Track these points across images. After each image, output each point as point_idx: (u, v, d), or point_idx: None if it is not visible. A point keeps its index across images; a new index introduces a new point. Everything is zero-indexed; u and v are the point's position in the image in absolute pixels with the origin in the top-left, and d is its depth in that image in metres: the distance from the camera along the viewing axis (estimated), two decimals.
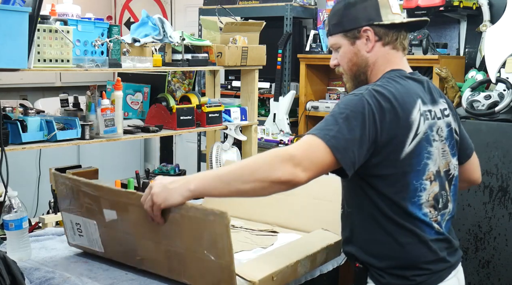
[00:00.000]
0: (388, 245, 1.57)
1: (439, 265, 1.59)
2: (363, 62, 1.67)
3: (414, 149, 1.54)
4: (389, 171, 1.54)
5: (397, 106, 1.52)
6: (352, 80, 1.71)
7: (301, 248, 1.80)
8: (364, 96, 1.51)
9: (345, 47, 1.68)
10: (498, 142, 2.96)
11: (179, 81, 2.98)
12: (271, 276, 1.59)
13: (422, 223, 1.57)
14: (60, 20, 2.07)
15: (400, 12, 1.69)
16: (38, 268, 1.70)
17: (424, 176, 1.57)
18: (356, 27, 1.65)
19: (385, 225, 1.57)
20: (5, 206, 1.86)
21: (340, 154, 1.45)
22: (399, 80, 1.60)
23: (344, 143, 1.46)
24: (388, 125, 1.50)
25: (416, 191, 1.56)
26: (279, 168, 1.42)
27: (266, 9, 4.32)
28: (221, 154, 2.81)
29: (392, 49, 1.67)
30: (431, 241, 1.58)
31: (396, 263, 1.57)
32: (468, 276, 2.99)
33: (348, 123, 1.47)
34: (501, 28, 3.28)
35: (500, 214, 2.93)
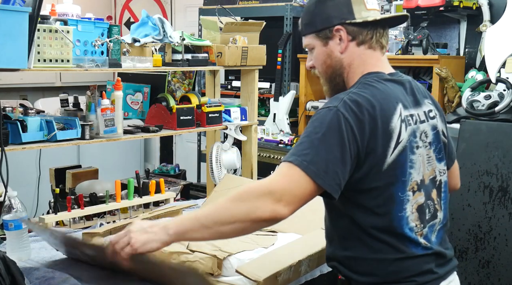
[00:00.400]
0: (371, 262, 1.48)
1: (425, 276, 1.50)
2: (337, 64, 1.56)
3: (397, 159, 1.44)
4: (372, 185, 1.44)
5: (376, 115, 1.42)
6: (328, 83, 1.61)
7: (302, 248, 1.80)
8: (339, 110, 1.40)
9: (318, 48, 1.57)
10: (498, 142, 2.96)
11: (179, 81, 2.97)
12: (275, 275, 1.59)
13: (407, 239, 1.48)
14: (60, 20, 2.07)
15: (378, 7, 1.57)
16: (37, 268, 1.70)
17: (407, 187, 1.48)
18: (327, 27, 1.54)
19: (368, 242, 1.47)
20: (5, 206, 1.86)
21: (322, 180, 1.36)
22: (377, 85, 1.50)
23: (324, 166, 1.36)
24: (368, 136, 1.41)
25: (402, 204, 1.47)
26: (259, 207, 1.35)
27: (266, 9, 4.33)
28: (221, 154, 2.81)
29: (368, 49, 1.55)
30: (418, 257, 1.49)
31: (379, 279, 1.49)
32: (468, 276, 2.99)
33: (325, 143, 1.38)
34: (501, 28, 3.28)
35: (500, 214, 2.92)
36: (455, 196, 3.07)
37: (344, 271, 1.53)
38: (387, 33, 1.59)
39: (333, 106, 1.42)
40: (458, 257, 3.03)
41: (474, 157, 3.02)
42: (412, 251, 1.48)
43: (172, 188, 3.02)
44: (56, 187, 2.67)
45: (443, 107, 3.52)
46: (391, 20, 1.62)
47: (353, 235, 1.50)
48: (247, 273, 1.55)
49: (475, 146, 3.03)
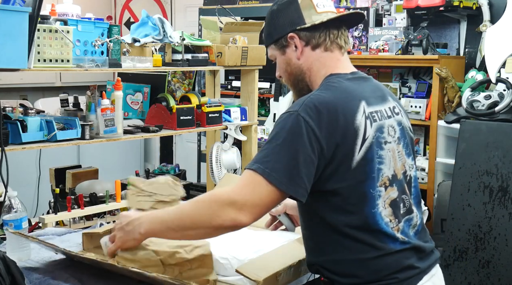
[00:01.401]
0: (351, 263, 1.47)
1: (406, 272, 1.49)
2: (297, 70, 1.58)
3: (365, 155, 1.44)
4: (342, 184, 1.44)
5: (338, 114, 1.43)
6: (293, 88, 1.64)
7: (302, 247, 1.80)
8: (299, 114, 1.41)
9: (278, 57, 1.61)
10: (498, 142, 2.96)
11: (179, 81, 2.98)
12: (275, 275, 1.59)
13: (384, 235, 1.47)
14: (60, 20, 2.07)
15: (331, 9, 1.57)
16: (37, 268, 1.70)
17: (378, 183, 1.47)
18: (282, 35, 1.57)
19: (344, 243, 1.47)
20: (5, 206, 1.86)
21: (286, 186, 1.38)
22: (338, 85, 1.51)
23: (287, 172, 1.38)
24: (331, 136, 1.41)
25: (374, 200, 1.46)
26: (220, 215, 1.39)
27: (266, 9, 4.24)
28: (221, 154, 2.81)
29: (325, 51, 1.56)
30: (396, 252, 1.48)
31: (361, 279, 1.47)
32: (468, 276, 2.99)
33: (287, 148, 1.39)
34: (501, 28, 3.28)
35: (500, 214, 2.92)
36: (455, 196, 3.07)
37: (326, 274, 1.53)
38: (344, 33, 1.59)
39: (294, 110, 1.43)
40: (458, 257, 3.03)
41: (474, 157, 3.02)
42: (390, 247, 1.48)
43: None
44: (56, 187, 2.67)
45: (443, 107, 3.53)
46: (347, 19, 1.61)
47: (328, 238, 1.49)
48: (247, 273, 1.55)
49: (475, 146, 3.03)
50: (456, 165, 3.09)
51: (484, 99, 3.19)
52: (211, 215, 1.40)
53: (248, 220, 1.40)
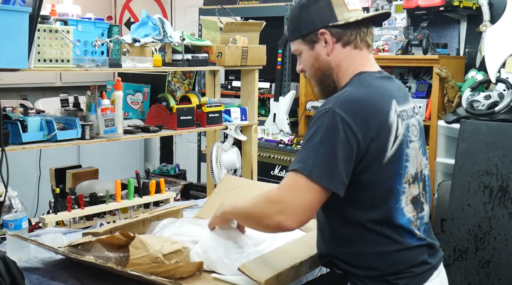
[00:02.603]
0: (371, 256, 1.51)
1: (421, 267, 1.55)
2: (326, 66, 1.60)
3: (395, 152, 1.49)
4: (372, 178, 1.48)
5: (373, 110, 1.47)
6: (318, 84, 1.65)
7: (304, 247, 1.79)
8: (335, 111, 1.43)
9: (305, 52, 1.61)
10: (498, 142, 2.96)
11: (179, 81, 2.98)
12: (276, 276, 1.59)
13: (404, 230, 1.52)
14: (60, 20, 2.07)
15: (359, 7, 1.59)
16: (37, 268, 1.70)
17: (404, 180, 1.52)
18: (312, 31, 1.57)
19: (366, 236, 1.51)
20: (5, 206, 1.86)
21: (326, 182, 1.41)
22: (370, 83, 1.54)
23: (327, 169, 1.41)
24: (367, 131, 1.44)
25: (399, 195, 1.51)
26: (268, 215, 1.46)
27: (266, 9, 4.33)
28: (221, 154, 2.81)
29: (355, 49, 1.58)
30: (414, 248, 1.54)
31: (379, 272, 1.51)
32: (468, 276, 2.99)
33: (325, 145, 1.42)
34: (501, 28, 3.28)
35: (500, 214, 2.93)
36: (455, 196, 3.07)
37: (341, 266, 1.56)
38: (372, 31, 1.62)
39: (329, 107, 1.45)
40: (458, 257, 3.03)
41: (474, 157, 3.02)
42: (409, 242, 1.53)
43: (172, 188, 3.02)
44: (56, 187, 2.67)
45: (443, 107, 3.53)
46: (373, 19, 1.65)
47: (350, 231, 1.53)
48: (250, 272, 1.55)
49: (475, 146, 3.03)
50: (456, 165, 3.10)
51: (484, 99, 3.19)
52: (261, 214, 1.50)
53: (293, 223, 1.44)
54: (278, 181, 3.37)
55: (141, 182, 2.50)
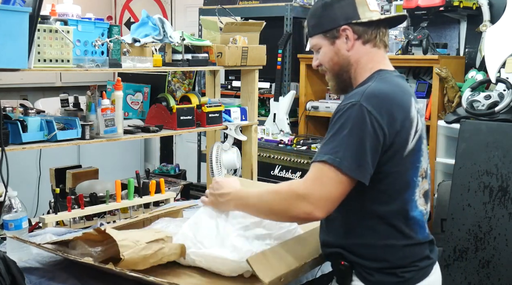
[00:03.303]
0: (381, 248, 1.57)
1: (425, 262, 1.62)
2: (345, 61, 1.66)
3: (415, 146, 1.56)
4: (393, 169, 1.54)
5: (397, 104, 1.54)
6: (335, 78, 1.70)
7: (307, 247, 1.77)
8: (362, 104, 1.49)
9: (325, 47, 1.67)
10: (498, 142, 2.96)
11: (179, 81, 2.98)
12: (279, 277, 1.58)
13: (416, 224, 1.59)
14: (60, 20, 2.07)
15: (378, 9, 1.68)
16: (37, 268, 1.70)
17: (419, 173, 1.60)
18: (334, 27, 1.64)
19: (378, 228, 1.56)
20: (5, 206, 1.86)
21: (355, 173, 1.47)
22: (391, 79, 1.61)
23: (356, 160, 1.47)
24: (393, 124, 1.51)
25: (414, 188, 1.59)
26: (295, 208, 1.50)
27: (266, 9, 4.33)
28: (221, 154, 2.81)
29: (373, 47, 1.65)
30: (421, 243, 1.61)
31: (388, 264, 1.57)
32: (468, 276, 2.99)
33: (353, 138, 1.47)
34: (501, 28, 3.28)
35: (500, 214, 2.93)
36: (455, 196, 3.07)
37: (349, 257, 1.60)
38: (388, 33, 1.70)
39: (356, 100, 1.51)
40: (458, 257, 3.03)
41: (474, 157, 3.02)
42: (418, 237, 1.60)
43: (172, 188, 3.02)
44: (56, 187, 2.67)
45: (443, 107, 3.53)
46: (391, 20, 1.72)
47: (364, 222, 1.57)
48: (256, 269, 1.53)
49: (475, 146, 3.03)
50: (456, 165, 3.10)
51: (484, 99, 3.19)
52: (287, 206, 1.51)
53: (322, 213, 1.50)
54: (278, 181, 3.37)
55: (141, 182, 2.50)
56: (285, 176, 3.79)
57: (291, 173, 3.77)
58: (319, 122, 4.29)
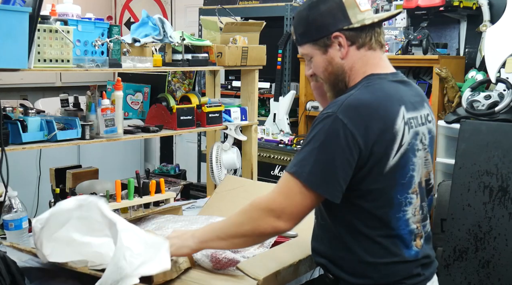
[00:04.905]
0: (366, 265, 1.48)
1: (414, 279, 1.52)
2: (339, 70, 1.53)
3: (399, 161, 1.44)
4: (372, 186, 1.44)
5: (378, 116, 1.41)
6: (331, 89, 1.58)
7: (302, 246, 1.80)
8: (337, 116, 1.39)
9: (317, 56, 1.54)
10: (498, 142, 2.96)
11: (179, 81, 2.98)
12: (274, 274, 1.59)
13: (402, 242, 1.49)
14: (60, 20, 2.07)
15: (369, 7, 1.53)
16: (38, 268, 1.70)
17: (410, 190, 1.48)
18: (325, 35, 1.50)
19: (364, 244, 1.48)
20: (5, 206, 1.86)
21: (322, 189, 1.40)
22: (379, 86, 1.48)
23: (324, 176, 1.39)
24: (370, 138, 1.39)
25: (401, 206, 1.47)
26: (261, 223, 1.44)
27: (266, 9, 4.33)
28: (221, 154, 2.81)
29: (368, 50, 1.52)
30: (410, 261, 1.51)
31: (372, 281, 1.49)
32: (468, 276, 2.99)
33: (324, 152, 1.39)
34: (501, 28, 3.28)
35: (500, 214, 2.92)
36: (455, 196, 3.07)
37: (334, 271, 1.53)
38: (383, 30, 1.57)
39: (332, 112, 1.41)
40: (458, 257, 3.03)
41: (474, 157, 3.02)
42: (405, 256, 1.50)
43: (172, 188, 3.02)
44: (57, 187, 2.67)
45: (443, 107, 3.53)
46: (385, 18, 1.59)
47: (350, 237, 1.49)
48: (247, 271, 1.55)
49: (475, 146, 3.03)
50: (456, 165, 3.09)
51: (484, 99, 3.19)
52: (253, 224, 1.47)
53: (288, 226, 1.44)
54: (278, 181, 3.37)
55: (141, 182, 2.50)
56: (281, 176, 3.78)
57: None
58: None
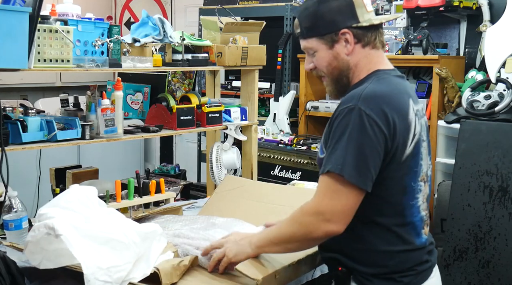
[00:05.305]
0: (381, 254, 1.54)
1: (424, 265, 1.59)
2: (344, 65, 1.59)
3: (413, 150, 1.51)
4: (391, 174, 1.50)
5: (395, 108, 1.48)
6: (333, 83, 1.64)
7: None
8: (360, 107, 1.45)
9: (322, 51, 1.60)
10: (498, 142, 2.96)
11: (179, 81, 2.98)
12: (274, 274, 1.59)
13: (413, 229, 1.56)
14: (60, 20, 2.07)
15: (372, 8, 1.62)
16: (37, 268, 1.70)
17: (419, 178, 1.55)
18: (333, 31, 1.56)
19: (378, 233, 1.53)
20: (5, 206, 1.86)
21: (355, 179, 1.44)
22: (389, 80, 1.56)
23: (359, 168, 1.44)
24: (391, 128, 1.46)
25: (414, 193, 1.54)
26: (312, 229, 1.49)
27: (266, 9, 4.33)
28: (221, 154, 2.81)
29: (372, 49, 1.60)
30: (420, 249, 1.58)
31: (386, 270, 1.54)
32: (468, 276, 2.99)
33: (354, 143, 1.44)
34: (501, 28, 3.29)
35: (500, 214, 2.93)
36: (455, 196, 3.07)
37: (347, 263, 1.57)
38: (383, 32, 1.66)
39: (353, 104, 1.46)
40: (458, 257, 3.03)
41: (474, 157, 3.02)
42: (416, 243, 1.56)
43: (172, 188, 3.02)
44: (57, 187, 2.67)
45: (443, 107, 3.53)
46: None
47: (362, 227, 1.54)
48: (246, 271, 1.55)
49: (475, 146, 3.03)
50: (456, 165, 3.10)
51: (484, 99, 3.20)
52: (304, 230, 1.50)
53: (339, 228, 1.48)
54: (278, 181, 3.38)
55: (141, 182, 2.50)
56: (285, 176, 3.79)
57: (291, 173, 3.77)
58: (319, 122, 4.29)
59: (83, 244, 1.51)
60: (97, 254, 1.51)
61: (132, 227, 1.65)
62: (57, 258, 1.56)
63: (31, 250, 1.57)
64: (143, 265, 1.59)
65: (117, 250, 1.55)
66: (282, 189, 2.34)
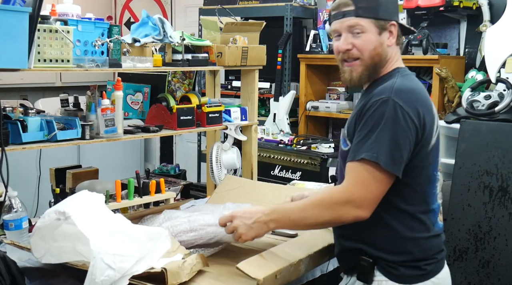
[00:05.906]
0: (406, 241, 1.60)
1: (441, 254, 1.68)
2: (384, 54, 1.68)
3: (436, 141, 1.62)
4: (417, 164, 1.58)
5: (422, 102, 1.58)
6: (368, 69, 1.67)
7: (302, 246, 1.80)
8: (393, 99, 1.54)
9: (371, 34, 1.65)
10: (498, 142, 2.96)
11: (179, 81, 2.98)
12: (274, 274, 1.59)
13: (435, 216, 1.65)
14: (60, 20, 2.07)
15: None
16: (38, 268, 1.70)
17: (437, 167, 1.65)
18: (388, 19, 1.66)
19: (403, 221, 1.60)
20: (5, 206, 1.86)
21: (390, 167, 1.51)
22: (412, 78, 1.68)
23: (391, 155, 1.51)
24: (421, 119, 1.55)
25: (435, 182, 1.64)
26: (342, 215, 1.55)
27: (266, 9, 4.33)
28: (221, 154, 2.81)
29: (397, 46, 1.73)
30: (438, 235, 1.67)
31: (412, 257, 1.60)
32: (468, 276, 2.99)
33: (387, 133, 1.51)
34: (501, 28, 3.28)
35: (500, 214, 2.92)
36: (455, 196, 3.07)
37: (371, 252, 1.62)
38: None
39: (386, 96, 1.55)
40: (458, 257, 3.03)
41: (474, 157, 3.02)
42: (436, 230, 1.66)
43: (172, 188, 3.02)
44: (57, 187, 2.67)
45: (443, 107, 3.53)
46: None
47: (388, 215, 1.59)
48: (247, 271, 1.55)
49: (475, 146, 3.03)
50: (456, 165, 3.09)
51: (484, 99, 3.19)
52: (333, 215, 1.56)
53: (368, 213, 1.54)
54: (278, 181, 3.37)
55: (141, 182, 2.50)
56: (285, 176, 3.79)
57: (291, 173, 3.77)
58: (319, 122, 4.29)
59: (92, 228, 1.53)
60: (105, 239, 1.52)
61: (139, 227, 1.67)
62: (60, 254, 1.57)
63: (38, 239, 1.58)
64: (145, 263, 1.59)
65: (123, 242, 1.56)
66: (282, 189, 2.34)
